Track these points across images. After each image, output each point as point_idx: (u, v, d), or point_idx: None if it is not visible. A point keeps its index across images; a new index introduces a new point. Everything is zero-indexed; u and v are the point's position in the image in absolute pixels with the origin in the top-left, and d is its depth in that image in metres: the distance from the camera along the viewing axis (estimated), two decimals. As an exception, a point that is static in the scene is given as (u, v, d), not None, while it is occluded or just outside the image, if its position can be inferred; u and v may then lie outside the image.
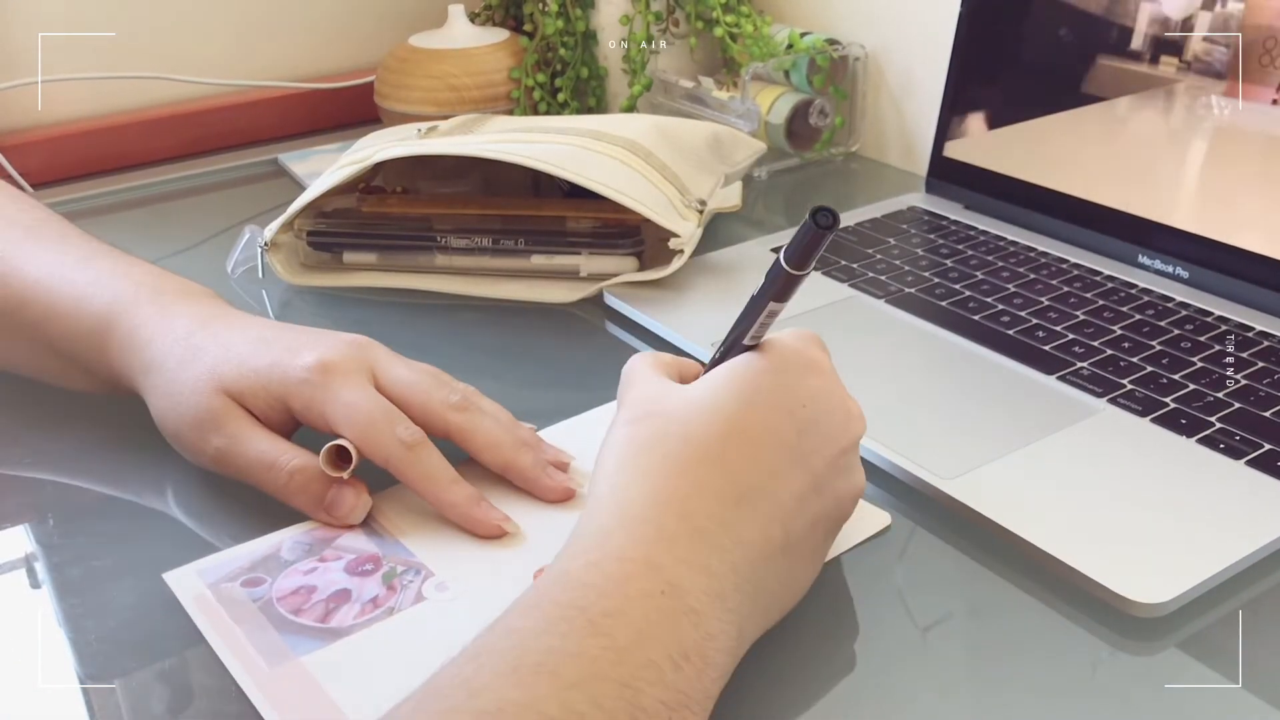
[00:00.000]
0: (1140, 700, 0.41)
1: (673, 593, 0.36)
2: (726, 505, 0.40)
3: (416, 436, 0.48)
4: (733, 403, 0.42)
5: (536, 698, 0.32)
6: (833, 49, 0.92)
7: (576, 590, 0.36)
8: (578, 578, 0.36)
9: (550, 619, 0.35)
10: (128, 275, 0.55)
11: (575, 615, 0.34)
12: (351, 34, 1.10)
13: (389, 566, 0.47)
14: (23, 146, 0.94)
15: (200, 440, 0.50)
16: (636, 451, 0.41)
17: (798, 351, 0.45)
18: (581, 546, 0.38)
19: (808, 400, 0.43)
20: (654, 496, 0.39)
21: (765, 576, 0.40)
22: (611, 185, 0.68)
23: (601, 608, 0.35)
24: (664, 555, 0.37)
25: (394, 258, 0.72)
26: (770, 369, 0.43)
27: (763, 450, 0.41)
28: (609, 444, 0.43)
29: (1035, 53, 0.77)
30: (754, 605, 0.39)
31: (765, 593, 0.40)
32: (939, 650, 0.43)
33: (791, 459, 0.42)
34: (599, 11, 0.95)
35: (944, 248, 0.74)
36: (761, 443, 0.41)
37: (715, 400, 0.42)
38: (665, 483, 0.40)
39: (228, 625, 0.44)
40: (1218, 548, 0.46)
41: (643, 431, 0.42)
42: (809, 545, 0.43)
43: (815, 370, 0.44)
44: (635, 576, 0.36)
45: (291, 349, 0.50)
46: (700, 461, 0.40)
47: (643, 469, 0.40)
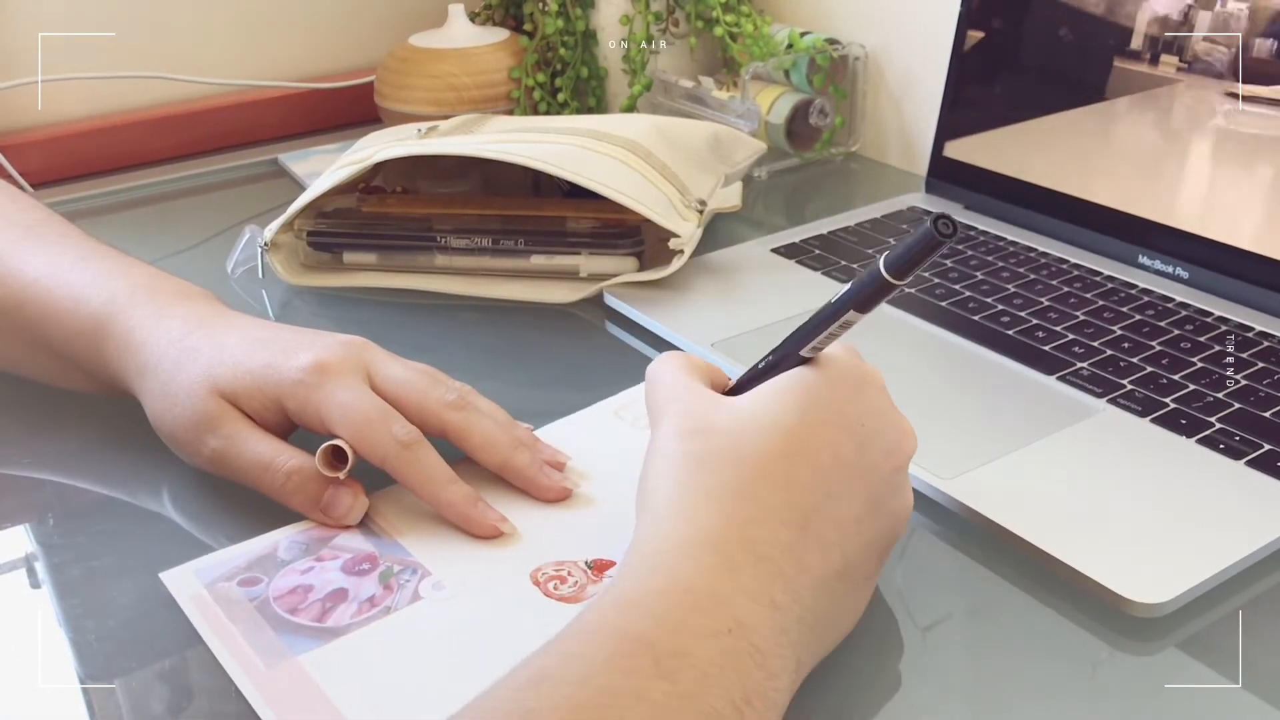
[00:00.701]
0: (1140, 700, 0.41)
1: (739, 631, 0.35)
2: (790, 530, 0.38)
3: (413, 436, 0.48)
4: (793, 418, 0.40)
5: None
6: (833, 49, 0.92)
7: (642, 621, 0.34)
8: (644, 606, 0.35)
9: (614, 652, 0.33)
10: (124, 276, 0.55)
11: (641, 652, 0.33)
12: (351, 34, 1.10)
13: (386, 566, 0.47)
14: (23, 146, 0.94)
15: (196, 442, 0.50)
16: (693, 470, 0.40)
17: (853, 366, 0.43)
18: (645, 570, 0.37)
19: (865, 416, 0.42)
20: (718, 520, 0.38)
21: (824, 604, 0.39)
22: (612, 185, 0.68)
23: (667, 646, 0.33)
24: (729, 586, 0.36)
25: (394, 258, 0.72)
26: (828, 383, 0.42)
27: (823, 469, 0.40)
28: (659, 459, 0.41)
29: (1035, 53, 0.77)
30: (812, 635, 0.39)
31: (823, 622, 0.39)
32: (939, 650, 0.43)
33: (850, 477, 0.41)
34: (599, 11, 0.95)
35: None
36: (822, 461, 0.40)
37: (774, 415, 0.41)
38: (728, 505, 0.38)
39: (224, 625, 0.44)
40: (1218, 548, 0.46)
41: (698, 447, 0.40)
42: (865, 568, 0.42)
43: (870, 385, 0.43)
44: (702, 610, 0.35)
45: (287, 350, 0.50)
46: (762, 482, 0.39)
47: (703, 489, 0.39)
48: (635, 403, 0.57)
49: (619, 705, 0.32)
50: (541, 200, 0.76)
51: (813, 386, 0.42)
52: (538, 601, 0.44)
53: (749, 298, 0.69)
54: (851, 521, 0.40)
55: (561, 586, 0.45)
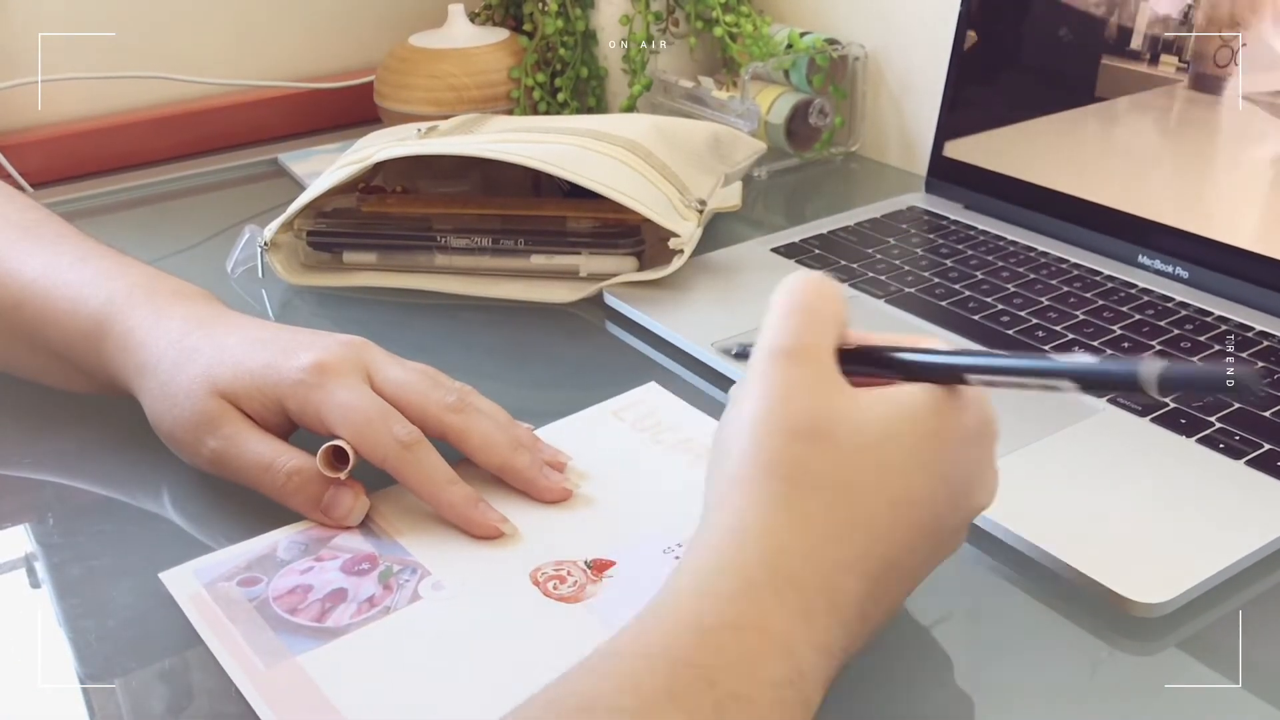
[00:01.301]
0: (1140, 700, 0.41)
1: (799, 683, 0.34)
2: (867, 582, 0.36)
3: (413, 436, 0.48)
4: (909, 461, 0.37)
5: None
6: (832, 49, 0.92)
7: (712, 656, 0.33)
8: (715, 641, 0.33)
9: (675, 684, 0.32)
10: (123, 276, 0.55)
11: (703, 691, 0.32)
12: (351, 34, 1.10)
13: (385, 566, 0.47)
14: (23, 146, 0.94)
15: (196, 442, 0.50)
16: (798, 485, 0.36)
17: (984, 416, 0.40)
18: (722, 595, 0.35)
19: (973, 473, 0.40)
20: (808, 556, 0.35)
21: (862, 639, 0.38)
22: (611, 185, 0.68)
23: (730, 689, 0.32)
24: (802, 635, 0.34)
25: (394, 258, 0.72)
26: (957, 431, 0.39)
27: (917, 523, 0.38)
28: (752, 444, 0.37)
29: (1035, 53, 0.77)
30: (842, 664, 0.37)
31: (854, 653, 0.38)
32: (939, 650, 0.43)
33: (932, 530, 0.39)
34: (599, 11, 0.95)
35: (944, 248, 0.74)
36: (919, 515, 0.38)
37: (900, 453, 0.37)
38: (823, 543, 0.36)
39: (224, 625, 0.44)
40: (1218, 548, 0.46)
41: (807, 458, 0.37)
42: (902, 602, 0.41)
43: (988, 439, 0.41)
44: (772, 657, 0.33)
45: (287, 350, 0.50)
46: (858, 523, 0.37)
47: (802, 513, 0.36)
48: (636, 405, 0.58)
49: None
50: (541, 200, 0.76)
51: (943, 430, 0.38)
52: (537, 601, 0.44)
53: (749, 298, 0.69)
54: (917, 569, 0.40)
55: (561, 586, 0.45)
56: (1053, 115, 0.75)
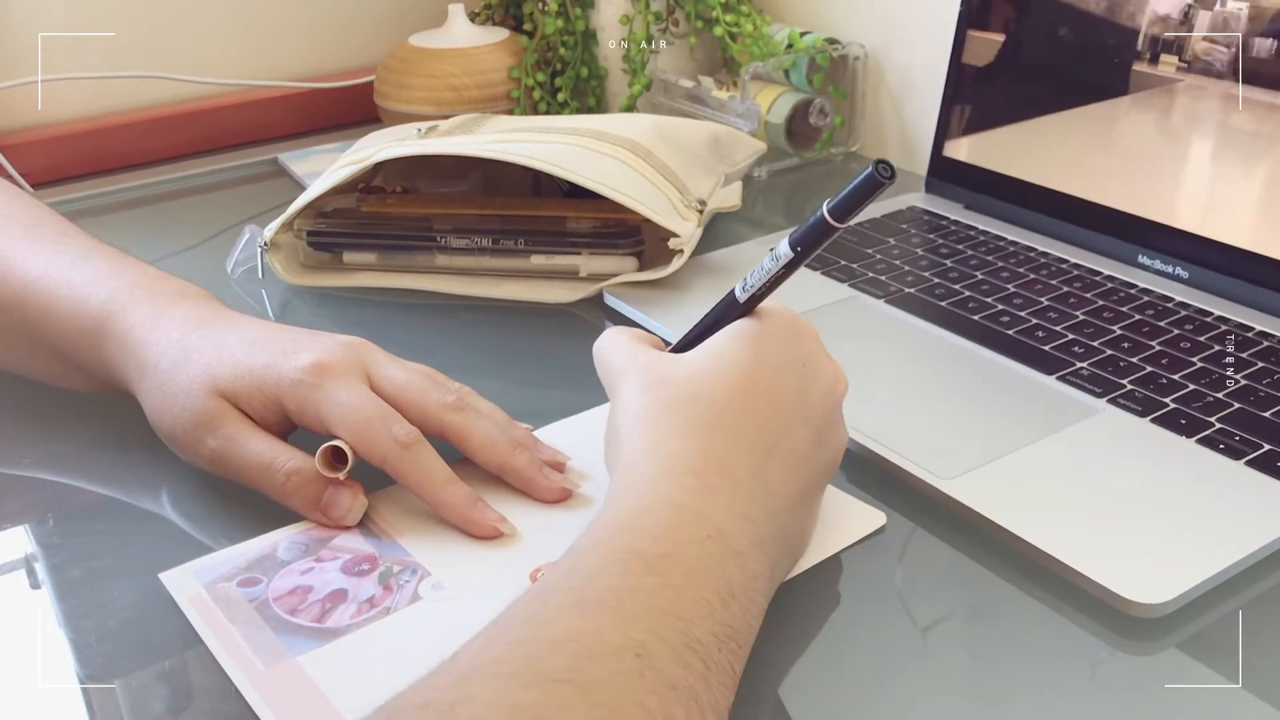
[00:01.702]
0: (1140, 700, 0.41)
1: (719, 537, 0.39)
2: (757, 459, 0.43)
3: (412, 436, 0.48)
4: (746, 364, 0.45)
5: (600, 627, 0.34)
6: (832, 49, 0.92)
7: (631, 535, 0.38)
8: (631, 523, 0.39)
9: (608, 560, 0.37)
10: (124, 275, 0.55)
11: (632, 557, 0.37)
12: (351, 34, 1.10)
13: (385, 566, 0.47)
14: (23, 146, 0.94)
15: (196, 442, 0.50)
16: (662, 414, 0.43)
17: (790, 317, 0.48)
18: (630, 496, 0.40)
19: (805, 360, 0.46)
20: (693, 451, 0.42)
21: (789, 523, 0.44)
22: (611, 185, 0.68)
23: (656, 551, 0.37)
24: (709, 504, 0.40)
25: (394, 258, 0.72)
26: (771, 332, 0.46)
27: (776, 408, 0.44)
28: (624, 412, 0.44)
29: (1035, 53, 0.77)
30: (781, 550, 0.43)
31: (789, 537, 0.44)
32: (939, 650, 0.43)
33: (799, 414, 0.45)
34: (599, 11, 0.95)
35: (944, 248, 0.74)
36: (775, 401, 0.44)
37: (729, 362, 0.45)
38: (701, 439, 0.42)
39: (224, 625, 0.44)
40: (1218, 548, 0.46)
41: (662, 396, 0.44)
42: (817, 494, 0.47)
43: (805, 333, 0.48)
44: (685, 523, 0.39)
45: (286, 350, 0.50)
46: (728, 419, 0.43)
47: (674, 428, 0.43)
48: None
49: (617, 598, 0.35)
50: (541, 200, 0.76)
51: (759, 335, 0.46)
52: (537, 602, 0.44)
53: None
54: (803, 452, 0.45)
55: (561, 587, 0.45)
56: (1053, 115, 0.75)
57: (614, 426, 0.45)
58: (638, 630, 0.34)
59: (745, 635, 0.38)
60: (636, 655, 0.33)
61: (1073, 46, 0.74)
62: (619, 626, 0.34)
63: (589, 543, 0.38)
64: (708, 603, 0.37)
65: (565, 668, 0.33)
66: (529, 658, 0.33)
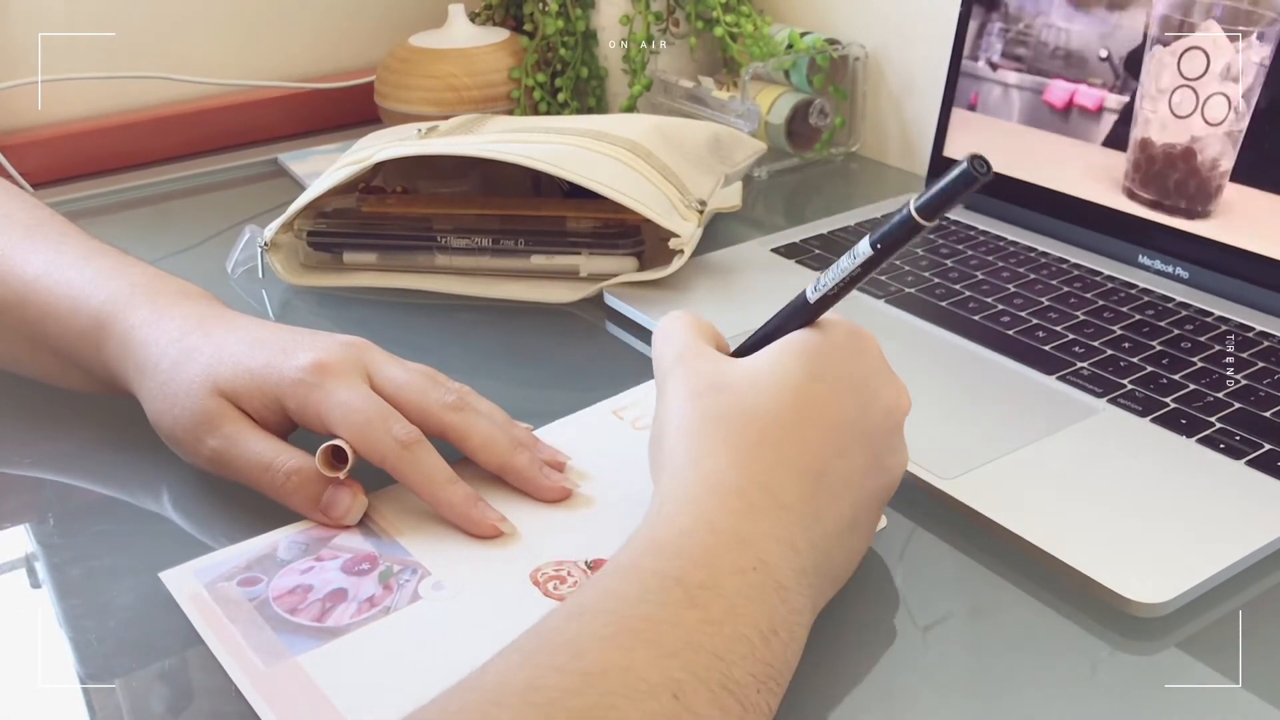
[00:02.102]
0: (1140, 700, 0.41)
1: (763, 569, 0.37)
2: (806, 481, 0.41)
3: (413, 436, 0.48)
4: (802, 379, 0.42)
5: (638, 663, 0.33)
6: (833, 49, 0.92)
7: (671, 559, 0.37)
8: (672, 546, 0.37)
9: (648, 587, 0.36)
10: (124, 275, 0.55)
11: (673, 585, 0.36)
12: (351, 34, 1.10)
13: (385, 566, 0.47)
14: (23, 146, 0.94)
15: (195, 442, 0.50)
16: (712, 425, 0.41)
17: (853, 330, 0.45)
18: (669, 513, 0.39)
19: (867, 377, 0.44)
20: (738, 469, 0.40)
21: (835, 551, 0.42)
22: (612, 185, 0.68)
23: (697, 579, 0.36)
24: (752, 529, 0.38)
25: (394, 258, 0.72)
26: (832, 346, 0.44)
27: (832, 428, 0.42)
28: (670, 418, 0.43)
29: (1035, 52, 0.77)
30: (825, 579, 0.41)
31: (834, 566, 0.42)
32: (939, 650, 0.43)
33: (855, 436, 0.43)
34: (599, 11, 0.95)
35: (944, 248, 0.74)
36: (831, 420, 0.42)
37: (785, 375, 0.42)
38: (747, 456, 0.40)
39: (224, 624, 0.44)
40: (1218, 548, 0.46)
41: (713, 405, 0.42)
42: (868, 521, 0.44)
43: (869, 348, 0.45)
44: (727, 549, 0.37)
45: (286, 349, 0.50)
46: (778, 437, 0.41)
47: (721, 442, 0.41)
48: (636, 404, 0.57)
49: (656, 630, 0.34)
50: (541, 200, 0.76)
51: (819, 348, 0.43)
52: (537, 601, 0.44)
53: (749, 298, 0.69)
54: (857, 477, 0.43)
55: (561, 586, 0.45)
56: (1052, 114, 0.75)
57: (658, 432, 0.44)
58: (675, 668, 0.33)
59: (784, 673, 0.37)
60: (674, 696, 0.32)
61: (1072, 45, 0.74)
62: (657, 663, 0.33)
63: (628, 562, 0.37)
64: (748, 640, 0.35)
65: (599, 705, 0.31)
66: (561, 689, 0.32)
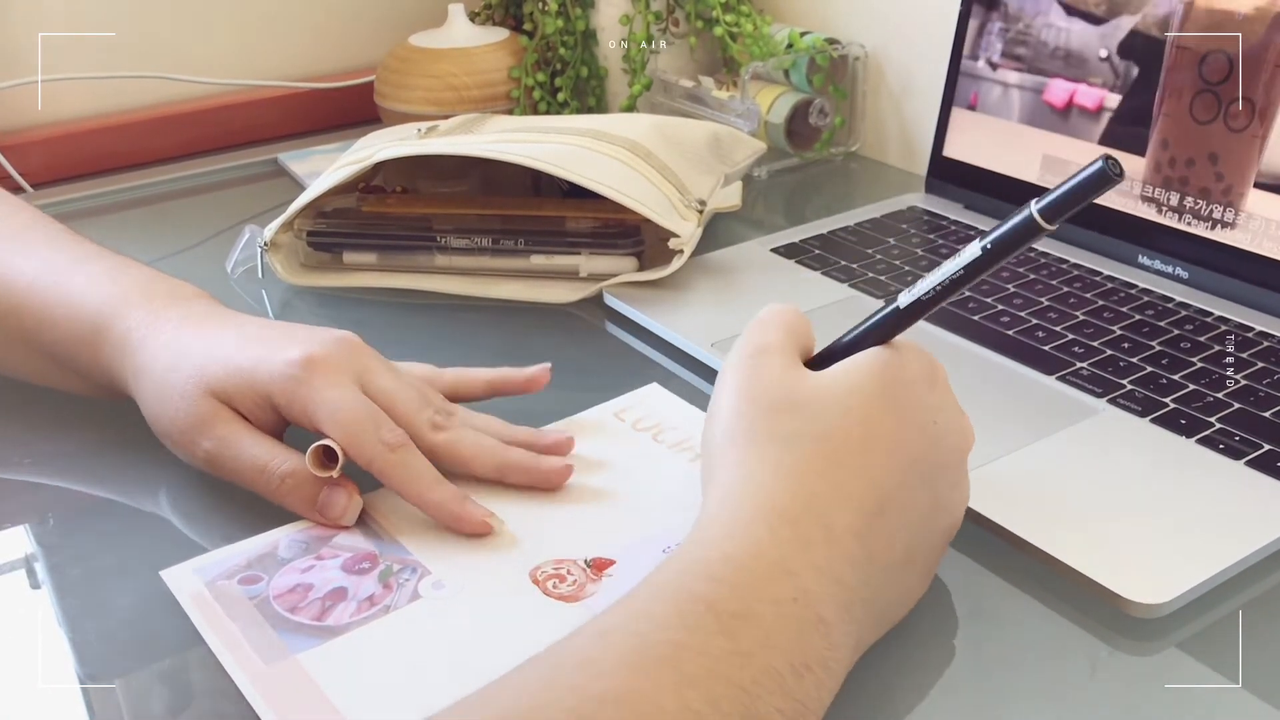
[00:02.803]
0: (1140, 700, 0.41)
1: (804, 600, 0.36)
2: (863, 516, 0.39)
3: (399, 438, 0.48)
4: (870, 407, 0.41)
5: (658, 688, 0.32)
6: (832, 48, 0.92)
7: (708, 583, 0.36)
8: (712, 570, 0.36)
9: (680, 610, 0.35)
10: (119, 279, 0.55)
11: (704, 611, 0.35)
12: (351, 34, 1.10)
13: (385, 565, 0.47)
14: (23, 146, 0.94)
15: (191, 444, 0.50)
16: (774, 445, 0.40)
17: (928, 359, 0.44)
18: (716, 534, 0.38)
19: (937, 414, 0.43)
20: (792, 496, 0.39)
21: (887, 589, 0.40)
22: (611, 185, 0.68)
23: (731, 608, 0.35)
24: (799, 560, 0.37)
25: (394, 258, 0.72)
26: (907, 376, 0.43)
27: (897, 461, 0.41)
28: (729, 417, 0.42)
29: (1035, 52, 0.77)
30: (873, 616, 0.40)
31: (884, 604, 0.41)
32: (939, 650, 0.43)
33: (920, 473, 0.41)
34: (599, 11, 0.95)
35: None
36: (895, 454, 0.41)
37: (855, 402, 0.41)
38: (806, 483, 0.39)
39: (224, 623, 0.44)
40: (1218, 548, 0.46)
41: (777, 426, 0.41)
42: (926, 560, 0.43)
43: (941, 380, 0.44)
44: (768, 580, 0.36)
45: (277, 344, 0.50)
46: (840, 466, 0.40)
47: (782, 465, 0.40)
48: (636, 406, 0.58)
49: (680, 658, 0.33)
50: (541, 200, 0.76)
51: (894, 378, 0.42)
52: (537, 600, 0.44)
53: (749, 298, 0.69)
54: (917, 514, 0.41)
55: (561, 585, 0.45)
56: (1052, 114, 0.75)
57: (710, 431, 0.43)
58: (695, 698, 0.32)
59: (816, 711, 0.36)
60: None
61: (1072, 46, 0.74)
62: (677, 691, 0.32)
63: (662, 581, 0.36)
64: (778, 674, 0.34)
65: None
66: (575, 712, 0.31)
